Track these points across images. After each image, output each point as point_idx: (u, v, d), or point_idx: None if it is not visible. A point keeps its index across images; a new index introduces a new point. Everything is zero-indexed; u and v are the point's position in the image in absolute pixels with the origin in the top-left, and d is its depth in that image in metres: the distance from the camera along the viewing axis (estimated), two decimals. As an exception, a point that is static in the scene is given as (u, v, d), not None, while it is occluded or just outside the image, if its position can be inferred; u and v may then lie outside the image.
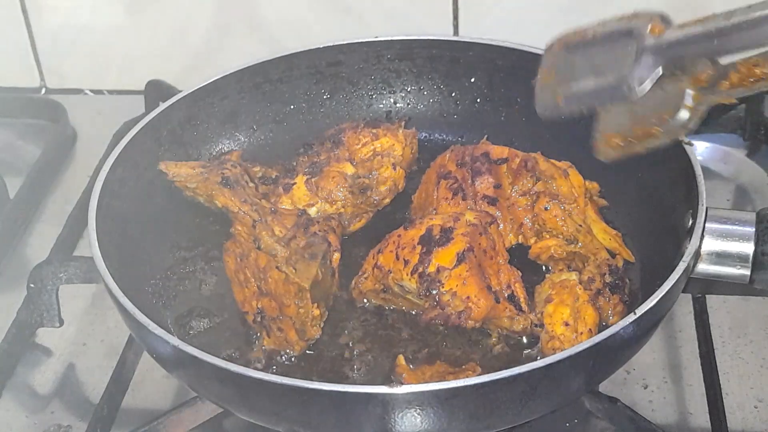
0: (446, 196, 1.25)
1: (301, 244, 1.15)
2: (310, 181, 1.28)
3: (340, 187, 1.28)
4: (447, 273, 1.09)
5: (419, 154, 1.38)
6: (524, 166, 1.23)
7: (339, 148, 1.31)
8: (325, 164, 1.29)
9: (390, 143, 1.32)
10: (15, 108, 1.69)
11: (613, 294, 1.15)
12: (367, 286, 1.17)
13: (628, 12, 1.10)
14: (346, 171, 1.29)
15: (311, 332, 1.13)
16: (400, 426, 0.97)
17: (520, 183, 1.23)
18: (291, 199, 1.27)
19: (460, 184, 1.24)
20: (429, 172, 1.30)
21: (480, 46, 1.42)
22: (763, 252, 1.10)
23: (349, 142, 1.32)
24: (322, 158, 1.30)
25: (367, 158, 1.31)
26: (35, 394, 1.22)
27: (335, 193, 1.27)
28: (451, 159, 1.28)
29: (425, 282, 1.10)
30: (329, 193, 1.27)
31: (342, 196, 1.27)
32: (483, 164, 1.25)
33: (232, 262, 1.17)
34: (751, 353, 1.21)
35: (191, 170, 1.23)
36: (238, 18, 1.66)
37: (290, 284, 1.11)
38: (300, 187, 1.28)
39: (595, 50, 1.12)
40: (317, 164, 1.29)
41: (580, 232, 1.20)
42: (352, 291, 1.19)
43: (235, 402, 1.04)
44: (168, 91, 1.54)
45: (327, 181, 1.28)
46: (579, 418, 1.12)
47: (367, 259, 1.18)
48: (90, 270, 1.23)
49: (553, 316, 1.10)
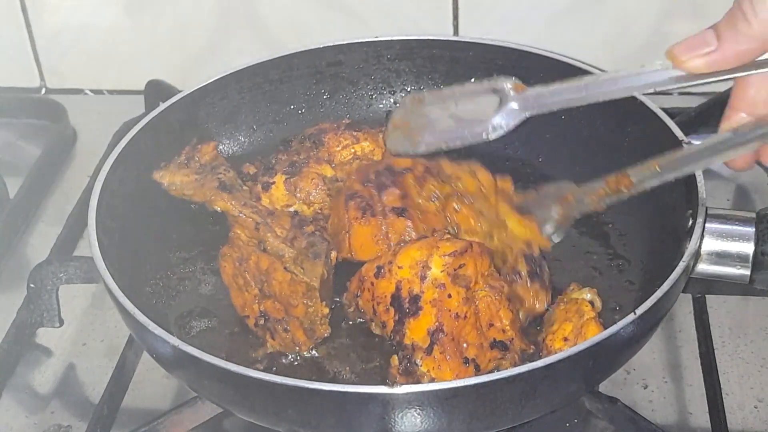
0: (356, 216, 1.21)
1: (303, 244, 1.15)
2: (288, 181, 1.27)
3: (319, 189, 1.26)
4: (421, 354, 1.06)
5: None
6: (428, 172, 1.22)
7: (319, 149, 1.31)
8: (304, 164, 1.28)
9: (370, 148, 1.31)
10: (15, 108, 1.69)
11: (533, 281, 1.15)
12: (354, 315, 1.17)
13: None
14: (325, 173, 1.28)
15: (320, 331, 1.13)
16: (400, 426, 0.97)
17: (426, 188, 1.22)
18: (269, 198, 1.26)
19: (368, 201, 1.21)
20: (339, 197, 1.26)
21: (480, 46, 1.42)
22: (763, 252, 1.10)
23: (330, 144, 1.31)
24: (302, 157, 1.30)
25: (346, 161, 1.31)
26: (35, 394, 1.22)
27: (313, 194, 1.26)
28: (356, 179, 1.25)
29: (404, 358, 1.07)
30: (307, 194, 1.26)
31: (320, 198, 1.26)
32: (387, 178, 1.22)
33: (229, 267, 1.17)
34: (751, 353, 1.21)
35: (186, 178, 1.23)
36: (238, 18, 1.65)
37: (297, 284, 1.10)
38: (279, 187, 1.26)
39: (455, 103, 1.20)
40: (296, 164, 1.29)
41: (495, 227, 1.20)
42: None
43: (235, 402, 1.03)
44: (168, 91, 1.54)
45: (306, 182, 1.27)
46: (579, 418, 1.12)
47: (348, 289, 1.16)
48: (90, 270, 1.23)
49: (555, 333, 1.10)
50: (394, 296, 1.09)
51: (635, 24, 1.59)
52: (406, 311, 1.08)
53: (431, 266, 1.09)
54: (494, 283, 1.11)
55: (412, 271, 1.09)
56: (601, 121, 1.33)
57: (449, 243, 1.10)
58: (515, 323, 1.11)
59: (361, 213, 1.21)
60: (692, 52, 1.00)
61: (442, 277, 1.08)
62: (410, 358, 1.06)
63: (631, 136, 1.29)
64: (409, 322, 1.08)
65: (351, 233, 1.21)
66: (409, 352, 1.07)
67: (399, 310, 1.09)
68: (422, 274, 1.09)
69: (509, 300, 1.11)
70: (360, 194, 1.22)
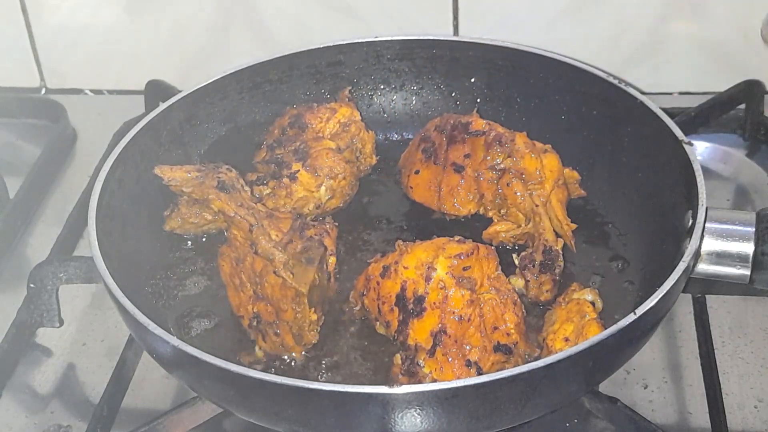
0: (421, 158, 1.32)
1: (298, 248, 1.15)
2: (306, 165, 1.28)
3: (336, 160, 1.29)
4: (424, 355, 1.06)
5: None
6: (498, 141, 1.27)
7: (305, 132, 1.33)
8: (307, 147, 1.30)
9: (349, 112, 1.36)
10: (15, 108, 1.69)
11: (541, 273, 1.18)
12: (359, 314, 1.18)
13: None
14: (330, 146, 1.30)
15: (308, 337, 1.13)
16: (400, 426, 0.97)
17: (491, 155, 1.27)
18: (302, 185, 1.28)
19: (435, 149, 1.31)
20: (417, 135, 1.38)
21: (480, 46, 1.43)
22: (763, 252, 1.10)
23: (313, 123, 1.34)
24: (299, 144, 1.30)
25: (336, 132, 1.34)
26: (35, 394, 1.22)
27: (334, 167, 1.28)
28: (435, 124, 1.35)
29: (407, 358, 1.07)
30: (330, 169, 1.28)
31: (342, 168, 1.29)
32: (460, 133, 1.30)
33: (227, 266, 1.17)
34: (751, 353, 1.21)
35: (186, 174, 1.23)
36: (238, 18, 1.65)
37: (287, 289, 1.10)
38: (303, 174, 1.28)
39: None
40: (300, 150, 1.30)
41: (535, 213, 1.23)
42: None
43: (235, 402, 1.03)
44: (168, 91, 1.54)
45: (321, 160, 1.28)
46: (579, 418, 1.12)
47: (354, 288, 1.18)
48: (90, 270, 1.23)
49: (557, 332, 1.10)
50: (399, 296, 1.10)
51: (635, 24, 1.59)
52: (410, 312, 1.08)
53: (437, 267, 1.09)
54: (500, 286, 1.11)
55: (418, 272, 1.09)
56: (602, 121, 1.33)
57: (456, 245, 1.11)
58: (520, 327, 1.11)
59: (426, 156, 1.32)
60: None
61: (448, 278, 1.08)
62: (413, 358, 1.06)
63: (631, 136, 1.29)
64: (413, 323, 1.08)
65: (412, 172, 1.33)
66: (412, 353, 1.07)
67: (403, 310, 1.09)
68: (427, 276, 1.09)
69: (515, 303, 1.12)
70: (432, 139, 1.33)
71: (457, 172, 1.29)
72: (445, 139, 1.31)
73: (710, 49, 1.59)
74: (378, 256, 1.15)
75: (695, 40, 1.58)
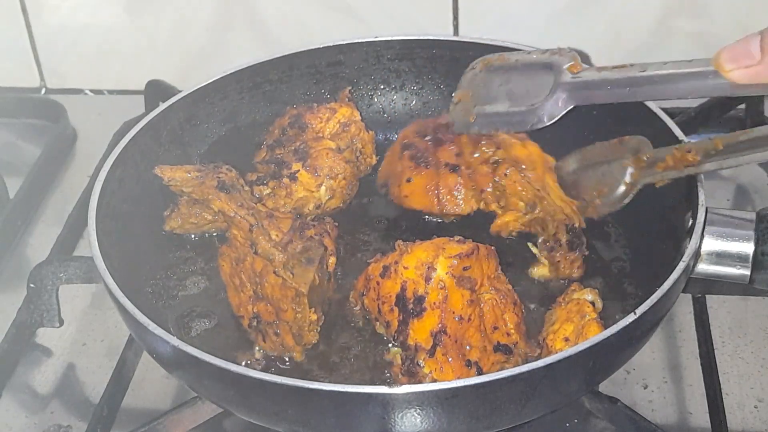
0: (410, 165, 1.31)
1: (298, 249, 1.15)
2: (306, 165, 1.28)
3: (336, 160, 1.29)
4: (424, 355, 1.06)
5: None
6: (484, 135, 1.28)
7: (305, 132, 1.33)
8: (307, 147, 1.30)
9: (349, 112, 1.36)
10: (15, 108, 1.69)
11: (571, 251, 1.20)
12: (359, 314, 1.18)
13: (553, 47, 1.23)
14: (330, 146, 1.30)
15: (308, 337, 1.13)
16: (400, 426, 0.97)
17: (480, 150, 1.28)
18: (302, 185, 1.27)
19: (423, 153, 1.31)
20: (393, 146, 1.37)
21: (480, 46, 1.42)
22: (763, 252, 1.10)
23: (313, 123, 1.34)
24: (299, 144, 1.30)
25: (336, 132, 1.34)
26: (35, 394, 1.22)
27: (334, 167, 1.28)
28: (413, 131, 1.34)
29: (407, 358, 1.07)
30: (330, 169, 1.28)
31: (342, 168, 1.29)
32: (445, 134, 1.31)
33: (227, 266, 1.17)
34: (751, 353, 1.21)
35: (186, 174, 1.23)
36: (238, 18, 1.66)
37: (287, 289, 1.10)
38: (303, 174, 1.28)
39: (514, 76, 1.26)
40: (300, 150, 1.30)
41: (539, 197, 1.23)
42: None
43: (235, 402, 1.04)
44: (168, 91, 1.54)
45: (321, 160, 1.28)
46: (579, 418, 1.12)
47: (354, 287, 1.18)
48: (90, 270, 1.23)
49: (557, 332, 1.10)
50: (398, 296, 1.09)
51: (635, 23, 1.59)
52: (410, 312, 1.08)
53: (437, 267, 1.09)
54: (500, 286, 1.11)
55: (418, 272, 1.09)
56: (602, 120, 1.33)
57: (456, 245, 1.11)
58: (520, 327, 1.11)
59: (416, 163, 1.31)
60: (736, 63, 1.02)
61: (448, 278, 1.08)
62: (413, 358, 1.06)
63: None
64: (413, 323, 1.08)
65: (403, 181, 1.31)
66: (412, 353, 1.07)
67: (403, 310, 1.09)
68: (427, 276, 1.09)
69: (515, 303, 1.12)
70: (416, 145, 1.32)
71: (453, 172, 1.29)
72: (431, 143, 1.31)
73: (711, 49, 1.58)
74: (378, 256, 1.15)
75: (696, 40, 1.58)
